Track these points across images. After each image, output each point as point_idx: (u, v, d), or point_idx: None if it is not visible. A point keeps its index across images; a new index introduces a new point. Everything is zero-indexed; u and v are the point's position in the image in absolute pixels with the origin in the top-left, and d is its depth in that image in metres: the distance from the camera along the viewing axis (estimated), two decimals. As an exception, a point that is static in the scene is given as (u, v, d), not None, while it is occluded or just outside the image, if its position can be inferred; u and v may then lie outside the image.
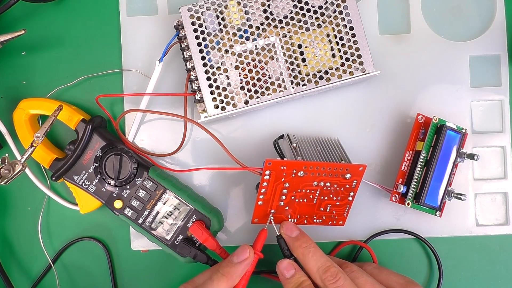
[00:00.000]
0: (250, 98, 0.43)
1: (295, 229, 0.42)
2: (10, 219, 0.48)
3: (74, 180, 0.45)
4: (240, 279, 0.40)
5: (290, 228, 0.42)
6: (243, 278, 0.40)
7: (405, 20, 0.48)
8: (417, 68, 0.47)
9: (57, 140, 0.48)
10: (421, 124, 0.45)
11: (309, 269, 0.40)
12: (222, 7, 0.43)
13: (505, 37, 0.47)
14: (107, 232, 0.48)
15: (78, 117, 0.45)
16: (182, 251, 0.44)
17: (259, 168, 0.41)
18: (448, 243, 0.48)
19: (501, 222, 0.48)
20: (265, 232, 0.42)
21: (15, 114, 0.45)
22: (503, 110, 0.48)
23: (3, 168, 0.41)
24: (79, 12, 0.48)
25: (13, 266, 0.48)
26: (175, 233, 0.45)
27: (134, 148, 0.46)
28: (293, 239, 0.41)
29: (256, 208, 0.43)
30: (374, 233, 0.47)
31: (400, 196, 0.45)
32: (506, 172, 0.48)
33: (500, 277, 0.48)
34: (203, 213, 0.44)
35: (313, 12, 0.44)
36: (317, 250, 0.41)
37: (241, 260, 0.40)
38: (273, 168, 0.41)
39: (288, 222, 0.43)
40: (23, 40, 0.47)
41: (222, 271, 0.40)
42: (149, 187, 0.44)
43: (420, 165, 0.44)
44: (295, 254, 0.41)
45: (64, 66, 0.48)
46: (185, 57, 0.44)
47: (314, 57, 0.44)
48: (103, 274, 0.48)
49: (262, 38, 0.44)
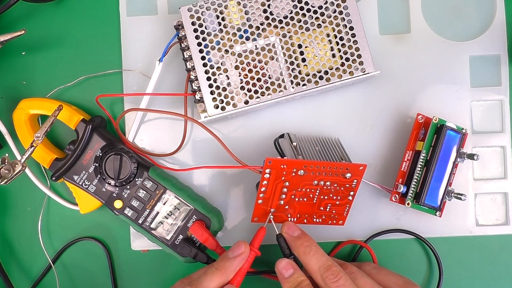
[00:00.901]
0: (250, 98, 0.44)
1: (296, 228, 0.42)
2: (10, 219, 0.48)
3: (74, 180, 0.45)
4: (235, 275, 0.40)
5: (292, 228, 0.42)
6: (238, 274, 0.40)
7: (405, 20, 0.48)
8: (417, 68, 0.47)
9: (57, 140, 0.48)
10: (421, 124, 0.45)
11: (310, 268, 0.40)
12: (222, 7, 0.43)
13: (505, 37, 0.47)
14: (107, 232, 0.48)
15: (78, 117, 0.45)
16: (182, 251, 0.44)
17: (259, 166, 0.41)
18: (448, 243, 0.48)
19: (501, 222, 0.48)
20: (264, 230, 0.42)
21: (15, 114, 0.45)
22: (503, 110, 0.48)
23: (3, 168, 0.41)
24: (79, 12, 0.48)
25: (13, 266, 0.48)
26: (175, 233, 0.45)
27: (134, 148, 0.46)
28: (294, 238, 0.41)
29: (256, 206, 0.43)
30: (374, 233, 0.47)
31: (400, 196, 0.45)
32: (506, 172, 0.48)
33: (500, 277, 0.48)
34: (203, 213, 0.44)
35: (313, 12, 0.44)
36: (318, 249, 0.41)
37: (236, 255, 0.40)
38: (273, 166, 0.41)
39: (290, 222, 0.43)
40: (23, 40, 0.47)
41: (217, 265, 0.40)
42: (149, 187, 0.44)
43: (420, 165, 0.44)
44: (296, 253, 0.41)
45: (64, 66, 0.48)
46: (185, 57, 0.44)
47: (314, 57, 0.44)
48: (103, 274, 0.48)
49: (262, 38, 0.44)
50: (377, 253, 0.47)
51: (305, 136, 0.46)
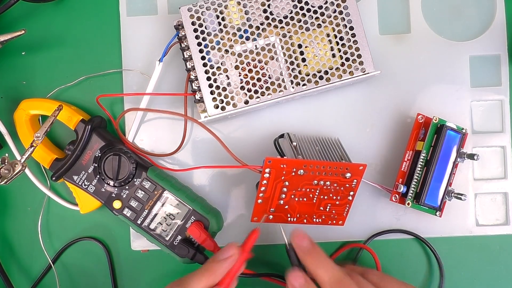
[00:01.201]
0: (250, 98, 0.43)
1: (306, 238, 0.41)
2: (10, 219, 0.48)
3: (73, 180, 0.45)
4: (224, 277, 0.40)
5: (301, 237, 0.41)
6: (227, 276, 0.40)
7: (405, 20, 0.48)
8: (417, 68, 0.47)
9: (57, 140, 0.48)
10: (421, 124, 0.45)
11: (320, 279, 0.39)
12: (222, 7, 0.43)
13: (505, 37, 0.47)
14: (107, 232, 0.48)
15: (78, 117, 0.45)
16: (180, 251, 0.44)
17: (259, 166, 0.41)
18: (448, 243, 0.48)
19: (501, 222, 0.48)
20: (256, 232, 0.42)
21: (16, 115, 0.45)
22: (503, 110, 0.48)
23: (3, 168, 0.41)
24: (79, 12, 0.48)
25: (13, 266, 0.48)
26: (174, 234, 0.44)
27: (134, 148, 0.45)
28: (303, 248, 0.41)
29: (255, 206, 0.43)
30: (374, 233, 0.47)
31: (400, 196, 0.45)
32: (506, 172, 0.48)
33: (500, 277, 0.48)
34: (201, 213, 0.44)
35: (313, 12, 0.44)
36: (328, 260, 0.40)
37: (226, 257, 0.40)
38: (273, 166, 0.41)
39: (299, 231, 0.42)
40: (23, 40, 0.47)
41: (205, 266, 0.40)
42: (147, 188, 0.44)
43: (420, 165, 0.44)
44: (305, 263, 0.40)
45: (64, 66, 0.48)
46: (185, 57, 0.44)
47: (314, 57, 0.44)
48: (103, 274, 0.48)
49: (262, 38, 0.44)
50: (377, 253, 0.46)
51: (305, 136, 0.46)
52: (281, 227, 0.43)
